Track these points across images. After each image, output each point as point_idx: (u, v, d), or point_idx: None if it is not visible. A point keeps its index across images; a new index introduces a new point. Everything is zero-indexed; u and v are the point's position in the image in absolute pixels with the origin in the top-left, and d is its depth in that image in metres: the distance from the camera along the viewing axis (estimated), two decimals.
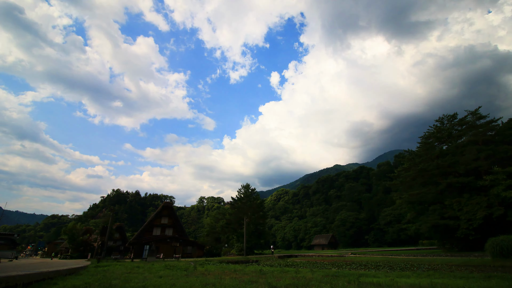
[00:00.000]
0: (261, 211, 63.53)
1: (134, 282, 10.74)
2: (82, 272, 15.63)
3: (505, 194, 29.95)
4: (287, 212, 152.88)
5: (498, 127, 39.49)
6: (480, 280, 10.57)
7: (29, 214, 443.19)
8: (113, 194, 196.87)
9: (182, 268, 17.89)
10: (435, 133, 43.75)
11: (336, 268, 19.91)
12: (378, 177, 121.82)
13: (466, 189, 36.39)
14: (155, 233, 52.13)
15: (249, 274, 13.70)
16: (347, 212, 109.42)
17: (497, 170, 31.96)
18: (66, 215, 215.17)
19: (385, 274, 13.16)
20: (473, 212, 32.74)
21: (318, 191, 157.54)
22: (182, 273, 14.19)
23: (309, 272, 14.57)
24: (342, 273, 13.20)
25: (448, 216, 36.15)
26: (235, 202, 65.82)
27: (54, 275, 12.27)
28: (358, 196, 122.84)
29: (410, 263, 23.65)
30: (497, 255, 21.35)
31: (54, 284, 10.18)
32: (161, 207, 55.87)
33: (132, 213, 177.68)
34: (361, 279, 10.66)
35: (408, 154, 50.24)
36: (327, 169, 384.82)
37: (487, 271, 15.42)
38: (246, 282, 10.23)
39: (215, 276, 12.76)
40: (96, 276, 13.23)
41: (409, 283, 9.48)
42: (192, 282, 10.22)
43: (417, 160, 43.19)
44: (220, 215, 68.36)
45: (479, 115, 39.93)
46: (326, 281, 10.26)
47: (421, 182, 42.53)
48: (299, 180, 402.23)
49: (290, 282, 10.02)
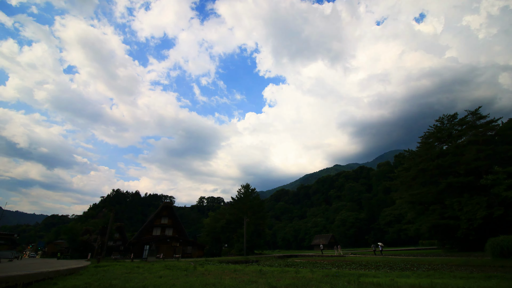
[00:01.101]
0: (261, 211, 63.56)
1: (134, 282, 10.74)
2: (82, 272, 15.63)
3: (505, 194, 29.91)
4: (287, 212, 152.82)
5: (498, 127, 39.51)
6: (480, 280, 10.56)
7: (29, 214, 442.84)
8: (113, 194, 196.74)
9: (182, 268, 17.89)
10: (435, 133, 43.73)
11: (336, 268, 19.91)
12: (378, 177, 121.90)
13: (466, 189, 36.37)
14: (155, 233, 52.16)
15: (249, 274, 13.70)
16: (347, 212, 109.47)
17: (498, 170, 31.94)
18: (66, 215, 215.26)
19: (385, 274, 13.15)
20: (473, 212, 32.72)
21: (318, 191, 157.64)
22: (182, 273, 14.18)
23: (309, 272, 14.57)
24: (342, 273, 13.20)
25: (448, 216, 36.17)
26: (235, 202, 65.82)
27: (54, 275, 12.28)
28: (358, 196, 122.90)
29: (410, 263, 23.64)
30: (497, 255, 21.35)
31: (54, 284, 10.18)
32: (161, 207, 55.90)
33: (132, 213, 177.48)
34: (361, 279, 10.65)
35: (408, 154, 50.29)
36: (327, 169, 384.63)
37: (487, 271, 15.41)
38: (246, 282, 10.23)
39: (215, 276, 12.76)
40: (96, 276, 13.23)
41: (409, 283, 9.48)
42: (192, 282, 10.22)
43: (417, 160, 43.21)
44: (220, 215, 68.32)
45: (479, 115, 39.93)
46: (326, 281, 10.25)
47: (421, 182, 42.56)
48: (299, 180, 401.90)
49: (290, 282, 10.02)
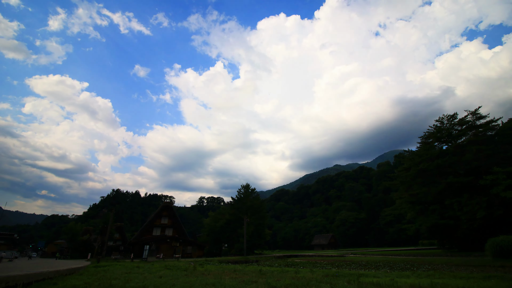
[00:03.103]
0: (261, 211, 63.56)
1: (134, 282, 10.74)
2: (82, 272, 15.64)
3: (505, 194, 29.90)
4: (287, 212, 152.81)
5: (498, 127, 39.53)
6: (480, 280, 10.56)
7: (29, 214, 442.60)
8: (113, 194, 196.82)
9: (182, 268, 17.89)
10: (435, 133, 43.73)
11: (336, 268, 19.91)
12: (378, 177, 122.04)
13: (466, 189, 36.36)
14: (155, 233, 52.17)
15: (249, 274, 13.70)
16: (347, 212, 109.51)
17: (497, 170, 31.92)
18: (66, 215, 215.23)
19: (385, 274, 13.15)
20: (473, 212, 32.73)
21: (318, 191, 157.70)
22: (182, 273, 14.19)
23: (309, 272, 14.57)
24: (342, 273, 13.20)
25: (448, 216, 36.20)
26: (235, 202, 65.83)
27: (54, 275, 12.29)
28: (358, 196, 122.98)
29: (410, 263, 23.67)
30: (497, 255, 21.37)
31: (54, 284, 10.19)
32: (161, 207, 55.92)
33: (132, 213, 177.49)
34: (361, 279, 10.65)
35: (408, 154, 50.33)
36: (327, 169, 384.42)
37: (487, 271, 15.42)
38: (246, 282, 10.23)
39: (215, 276, 12.76)
40: (96, 276, 13.24)
41: (409, 283, 9.48)
42: (192, 282, 10.22)
43: (417, 160, 43.20)
44: (220, 215, 68.29)
45: (479, 115, 39.92)
46: (326, 281, 10.26)
47: (421, 182, 42.55)
48: (299, 180, 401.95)
49: (290, 282, 10.02)
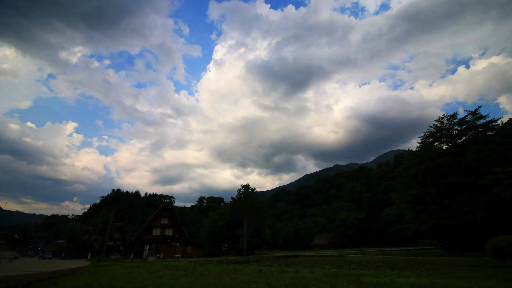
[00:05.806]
0: (261, 211, 63.55)
1: (134, 282, 10.74)
2: (82, 272, 15.64)
3: (505, 194, 29.91)
4: (287, 212, 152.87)
5: (498, 127, 39.53)
6: (480, 280, 10.56)
7: (29, 214, 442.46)
8: (113, 194, 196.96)
9: (182, 268, 17.88)
10: (435, 133, 43.72)
11: (336, 268, 19.90)
12: (378, 177, 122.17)
13: (466, 189, 36.36)
14: (155, 233, 52.19)
15: (249, 274, 13.70)
16: (347, 212, 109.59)
17: (497, 170, 31.93)
18: (66, 215, 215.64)
19: (385, 274, 13.14)
20: (473, 212, 32.73)
21: (318, 191, 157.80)
22: (182, 273, 14.18)
23: (309, 272, 14.57)
24: (342, 273, 13.20)
25: (448, 216, 36.19)
26: (235, 202, 65.82)
27: (54, 275, 12.30)
28: (358, 196, 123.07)
29: (410, 263, 23.67)
30: (497, 255, 21.36)
31: (54, 284, 10.20)
32: (161, 208, 55.94)
33: (132, 213, 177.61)
34: (361, 279, 10.66)
35: (408, 154, 50.27)
36: (327, 169, 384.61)
37: (487, 271, 15.42)
38: (246, 282, 10.23)
39: (215, 276, 12.76)
40: (96, 276, 13.24)
41: (409, 283, 9.48)
42: (192, 282, 10.22)
43: (417, 160, 43.20)
44: (220, 215, 68.31)
45: (479, 115, 39.93)
46: (326, 281, 10.26)
47: (421, 182, 42.55)
48: (299, 180, 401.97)
49: (290, 282, 10.02)
